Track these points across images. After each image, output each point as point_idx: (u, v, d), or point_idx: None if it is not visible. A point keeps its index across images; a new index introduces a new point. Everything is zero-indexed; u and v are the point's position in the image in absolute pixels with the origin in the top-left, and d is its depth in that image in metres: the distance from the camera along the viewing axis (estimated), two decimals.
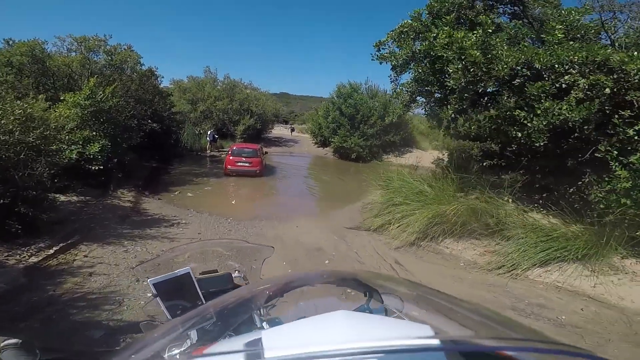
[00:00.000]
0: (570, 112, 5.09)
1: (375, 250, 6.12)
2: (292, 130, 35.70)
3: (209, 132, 19.47)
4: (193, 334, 1.06)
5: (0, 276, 3.66)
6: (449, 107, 6.21)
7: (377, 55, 7.37)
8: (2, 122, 4.61)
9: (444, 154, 14.00)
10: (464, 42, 5.50)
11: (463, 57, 5.54)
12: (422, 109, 8.26)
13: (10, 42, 9.77)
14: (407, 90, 7.58)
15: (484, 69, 5.54)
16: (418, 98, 7.85)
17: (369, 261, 5.61)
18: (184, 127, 18.34)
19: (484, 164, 8.52)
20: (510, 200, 6.05)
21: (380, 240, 6.56)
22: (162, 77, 14.33)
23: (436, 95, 7.44)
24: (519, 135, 5.79)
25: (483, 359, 0.69)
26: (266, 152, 15.72)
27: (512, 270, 4.99)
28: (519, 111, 5.54)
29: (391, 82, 7.74)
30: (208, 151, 18.97)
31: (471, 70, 5.61)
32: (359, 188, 11.76)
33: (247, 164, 12.81)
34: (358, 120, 19.32)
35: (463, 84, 5.69)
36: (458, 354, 0.67)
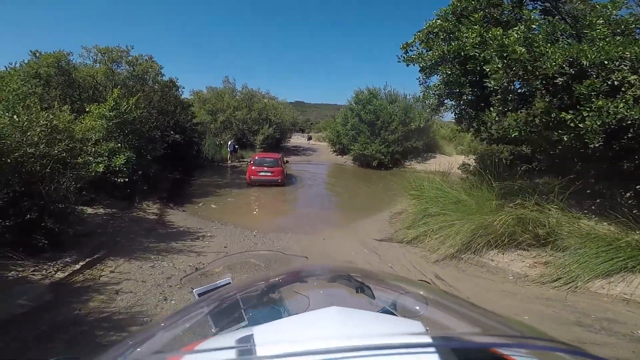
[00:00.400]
0: (628, 110, 4.68)
1: (411, 263, 5.74)
2: (309, 138, 35.70)
3: (229, 143, 19.54)
4: (212, 320, 1.07)
5: (26, 293, 3.50)
6: (492, 109, 5.79)
7: (404, 57, 7.05)
8: (28, 134, 4.53)
9: (469, 159, 13.49)
10: (505, 40, 5.11)
11: (506, 55, 5.14)
12: (451, 113, 7.83)
13: (37, 54, 9.81)
14: (434, 94, 7.21)
15: (529, 67, 5.13)
16: (446, 101, 7.49)
17: (406, 276, 5.21)
18: (204, 137, 18.45)
19: (522, 168, 8.03)
20: (557, 207, 5.59)
21: (415, 253, 6.17)
22: (183, 88, 14.41)
23: (467, 97, 7.04)
24: (564, 138, 5.36)
25: (477, 357, 0.68)
26: (287, 161, 15.59)
27: (569, 282, 4.58)
28: (565, 113, 5.11)
29: (420, 84, 7.40)
30: (229, 162, 19.01)
31: (514, 68, 5.22)
32: (384, 197, 11.38)
33: (269, 174, 12.75)
34: (378, 127, 18.90)
35: (505, 83, 5.29)
36: (450, 350, 0.64)
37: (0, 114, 4.42)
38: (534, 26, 5.48)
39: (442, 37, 6.68)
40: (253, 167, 12.87)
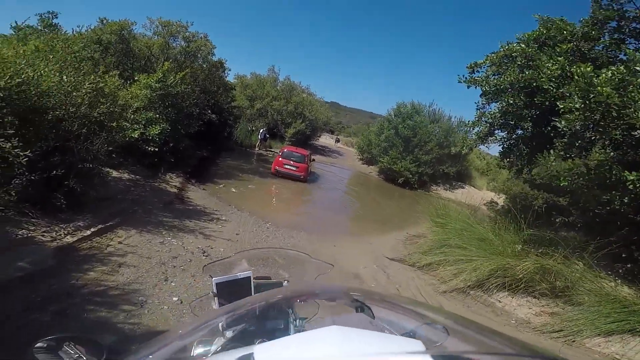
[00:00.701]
0: None
1: (418, 289, 5.54)
2: (337, 141, 35.13)
3: (261, 131, 19.63)
4: (226, 331, 1.07)
5: (30, 255, 3.47)
6: (552, 151, 5.33)
7: (467, 78, 6.66)
8: (74, 94, 4.64)
9: (500, 197, 12.79)
10: (594, 78, 4.59)
11: (592, 96, 4.60)
12: (498, 145, 7.37)
13: (104, 21, 10.26)
14: (486, 121, 6.77)
15: (614, 113, 4.55)
16: (497, 132, 7.03)
17: None
18: (239, 121, 18.66)
19: (558, 220, 7.45)
20: (585, 264, 5.18)
21: (424, 279, 5.96)
22: (229, 70, 14.61)
23: (523, 132, 6.58)
24: (616, 201, 4.86)
25: None
26: (313, 160, 15.56)
27: (569, 336, 4.45)
28: (627, 172, 4.61)
29: (477, 109, 6.99)
30: (257, 149, 19.15)
31: (594, 111, 4.66)
32: (404, 216, 11.08)
33: (294, 168, 12.82)
34: (413, 144, 18.24)
35: (578, 126, 4.81)
36: None
37: (53, 74, 4.52)
38: (637, 68, 4.78)
39: (519, 62, 6.20)
40: (280, 159, 13.00)
